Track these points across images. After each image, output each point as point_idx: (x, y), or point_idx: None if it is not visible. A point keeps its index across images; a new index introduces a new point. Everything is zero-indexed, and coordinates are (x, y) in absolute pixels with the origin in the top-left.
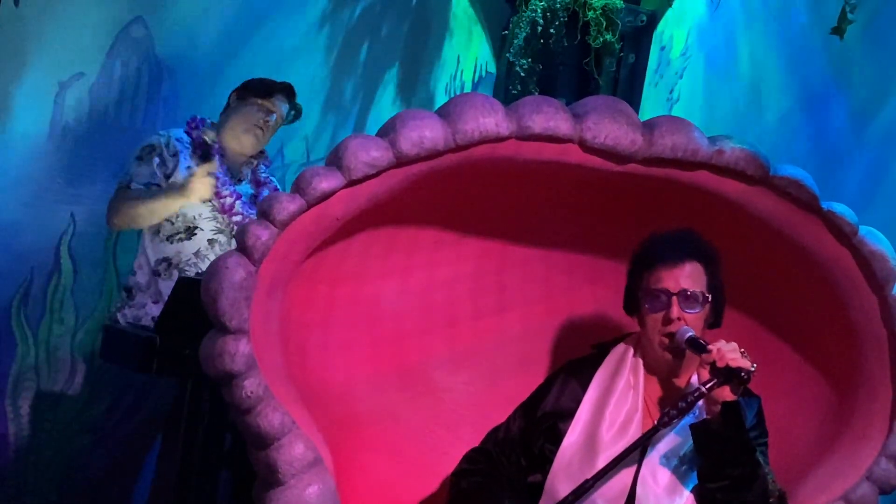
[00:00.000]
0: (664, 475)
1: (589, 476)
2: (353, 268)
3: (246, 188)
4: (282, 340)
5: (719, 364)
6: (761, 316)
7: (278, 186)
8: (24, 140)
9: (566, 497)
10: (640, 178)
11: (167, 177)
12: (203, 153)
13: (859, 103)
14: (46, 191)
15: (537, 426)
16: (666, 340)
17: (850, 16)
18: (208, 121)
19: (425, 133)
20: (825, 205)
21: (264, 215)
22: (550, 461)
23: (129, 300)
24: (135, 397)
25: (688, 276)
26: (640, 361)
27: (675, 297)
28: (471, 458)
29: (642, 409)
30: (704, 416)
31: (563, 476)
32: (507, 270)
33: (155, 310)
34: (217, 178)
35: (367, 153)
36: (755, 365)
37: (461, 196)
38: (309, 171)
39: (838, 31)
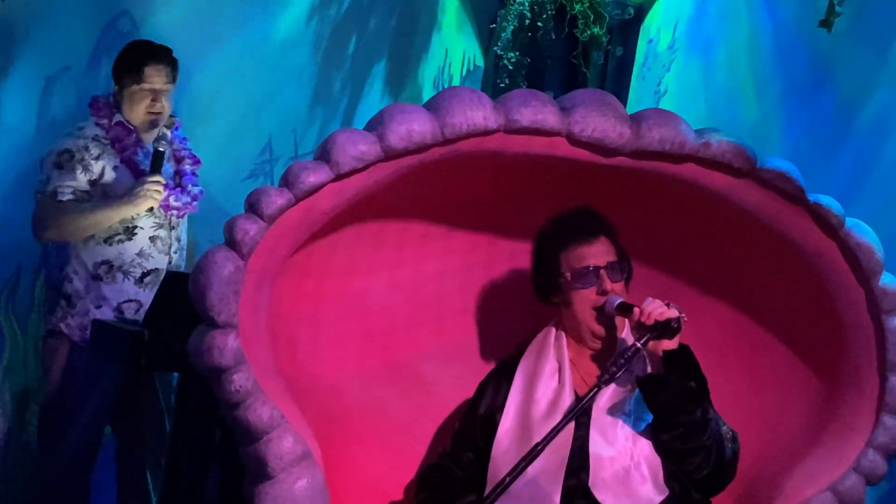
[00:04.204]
0: (615, 434)
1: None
2: (341, 262)
3: (167, 168)
4: (271, 335)
5: (648, 322)
6: (748, 308)
7: (194, 153)
8: (10, 134)
9: (510, 471)
10: (627, 170)
11: (92, 182)
12: (154, 162)
13: (847, 96)
14: (34, 185)
15: (476, 427)
16: (597, 314)
17: (838, 8)
18: (110, 97)
19: (413, 127)
20: (812, 197)
21: (252, 209)
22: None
23: (69, 308)
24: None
25: (606, 251)
26: (564, 341)
27: (603, 271)
28: (423, 476)
29: (570, 384)
30: (648, 371)
31: (502, 463)
32: (495, 264)
33: (98, 314)
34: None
35: (355, 147)
36: (683, 313)
37: (449, 190)
38: (297, 165)
39: (826, 24)
